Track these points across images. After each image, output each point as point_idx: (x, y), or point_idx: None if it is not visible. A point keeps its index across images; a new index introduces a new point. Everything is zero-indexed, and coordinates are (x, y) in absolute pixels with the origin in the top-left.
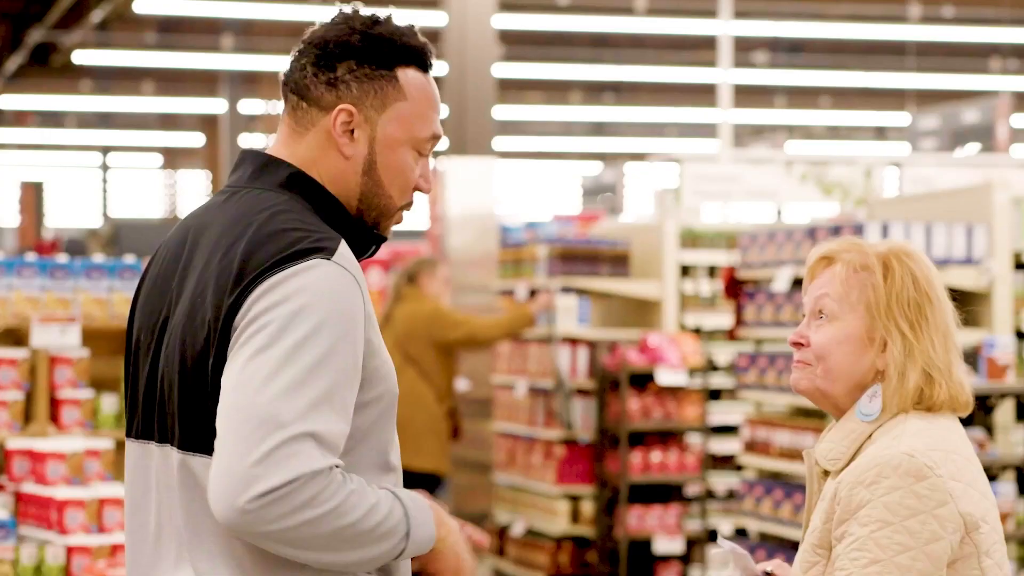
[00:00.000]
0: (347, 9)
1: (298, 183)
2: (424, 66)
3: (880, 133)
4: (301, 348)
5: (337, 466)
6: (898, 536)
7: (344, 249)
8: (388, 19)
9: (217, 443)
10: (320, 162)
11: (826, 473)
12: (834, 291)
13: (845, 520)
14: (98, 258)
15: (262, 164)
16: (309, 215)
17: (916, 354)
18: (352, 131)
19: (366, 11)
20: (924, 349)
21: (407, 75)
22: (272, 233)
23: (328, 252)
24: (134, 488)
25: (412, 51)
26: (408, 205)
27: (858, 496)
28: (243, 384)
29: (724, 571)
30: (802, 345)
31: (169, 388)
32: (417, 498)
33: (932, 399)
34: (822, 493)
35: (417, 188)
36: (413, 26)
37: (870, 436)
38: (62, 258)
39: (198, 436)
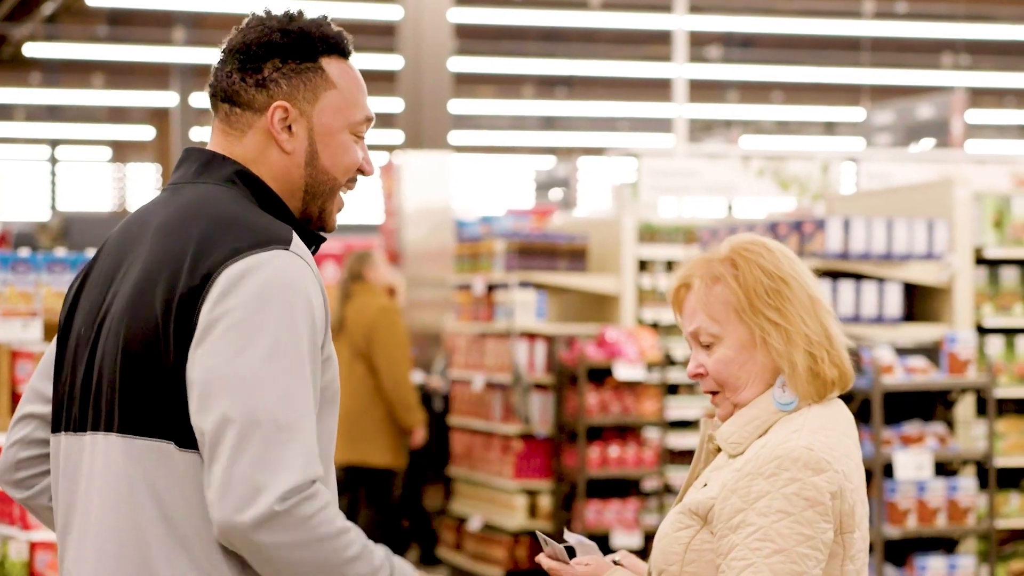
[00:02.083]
0: (259, 12)
1: (243, 179)
2: (345, 53)
3: (830, 128)
4: (283, 344)
5: (319, 481)
6: (798, 527)
7: (298, 239)
8: (301, 14)
9: (212, 447)
10: (261, 161)
11: (719, 448)
12: (703, 317)
13: (742, 510)
14: (60, 252)
15: (207, 160)
16: (257, 209)
17: (795, 337)
18: (289, 127)
19: (278, 10)
20: (798, 330)
21: (331, 64)
22: (227, 223)
23: (285, 242)
24: (66, 484)
25: (331, 40)
26: (351, 183)
27: (757, 487)
28: (232, 386)
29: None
30: (702, 375)
31: (111, 375)
32: (406, 568)
33: (823, 378)
34: (712, 464)
35: (361, 171)
36: (326, 16)
37: (771, 426)
38: (23, 252)
39: (143, 420)
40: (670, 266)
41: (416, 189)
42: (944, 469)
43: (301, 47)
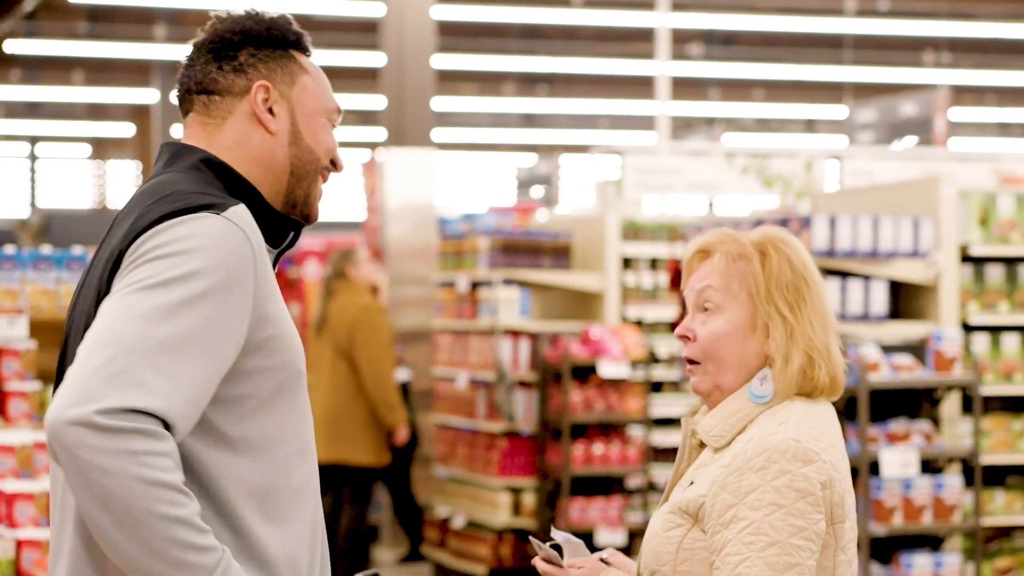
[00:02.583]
0: (220, 14)
1: (209, 166)
2: (308, 51)
3: (810, 126)
4: (171, 286)
5: (167, 426)
6: (791, 518)
7: (241, 211)
8: (264, 12)
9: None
10: (244, 145)
11: (702, 444)
12: (716, 282)
13: (733, 505)
14: (45, 249)
15: (176, 151)
16: (210, 187)
17: (798, 336)
18: (271, 109)
19: (237, 11)
20: (804, 331)
21: (299, 56)
22: (167, 196)
23: (219, 208)
24: (53, 473)
25: (297, 35)
26: (335, 168)
27: (747, 481)
28: (109, 313)
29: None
30: (688, 339)
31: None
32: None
33: (815, 381)
34: (696, 461)
35: (334, 162)
36: (289, 15)
37: (753, 419)
38: (9, 249)
39: None
40: (654, 264)
41: (399, 186)
42: (930, 467)
43: (273, 36)
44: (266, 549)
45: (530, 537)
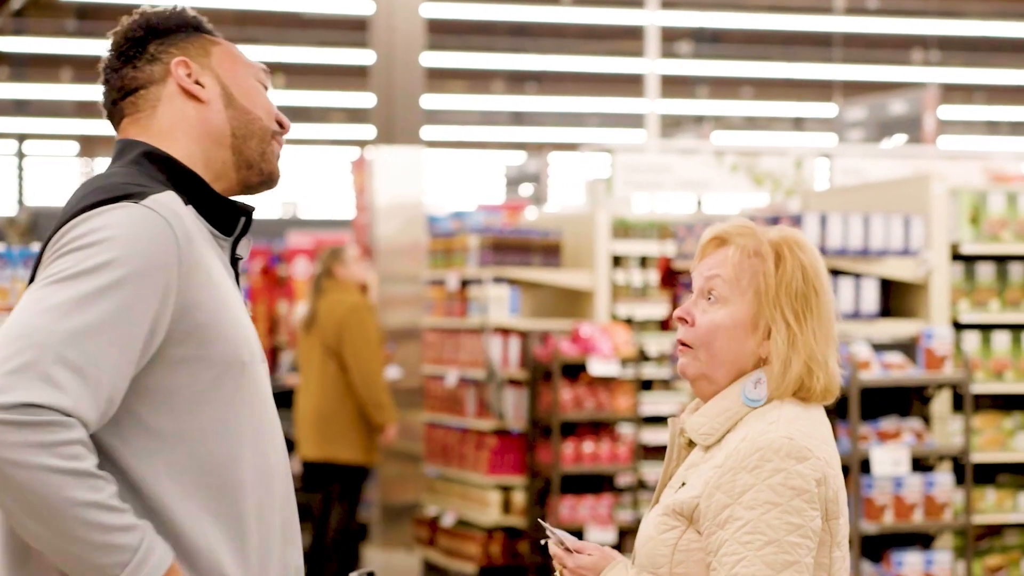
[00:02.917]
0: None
1: (150, 158)
2: (212, 34)
3: (798, 124)
4: (82, 277)
5: (82, 422)
6: (787, 516)
7: (164, 198)
8: (160, 6)
9: None
10: (180, 123)
11: (691, 444)
12: (726, 273)
13: (728, 505)
14: (36, 247)
15: (120, 149)
16: (146, 179)
17: (799, 345)
18: (197, 82)
19: (130, 18)
20: (807, 341)
21: (204, 35)
22: (94, 190)
23: (139, 196)
24: None
25: (198, 20)
26: (282, 131)
27: (742, 481)
28: (22, 307)
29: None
30: (686, 322)
31: None
32: (165, 562)
33: (810, 389)
34: (687, 461)
35: (280, 123)
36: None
37: (743, 417)
38: None
39: None
40: (644, 262)
41: (388, 184)
42: (921, 465)
43: (176, 23)
44: (195, 541)
45: (539, 520)
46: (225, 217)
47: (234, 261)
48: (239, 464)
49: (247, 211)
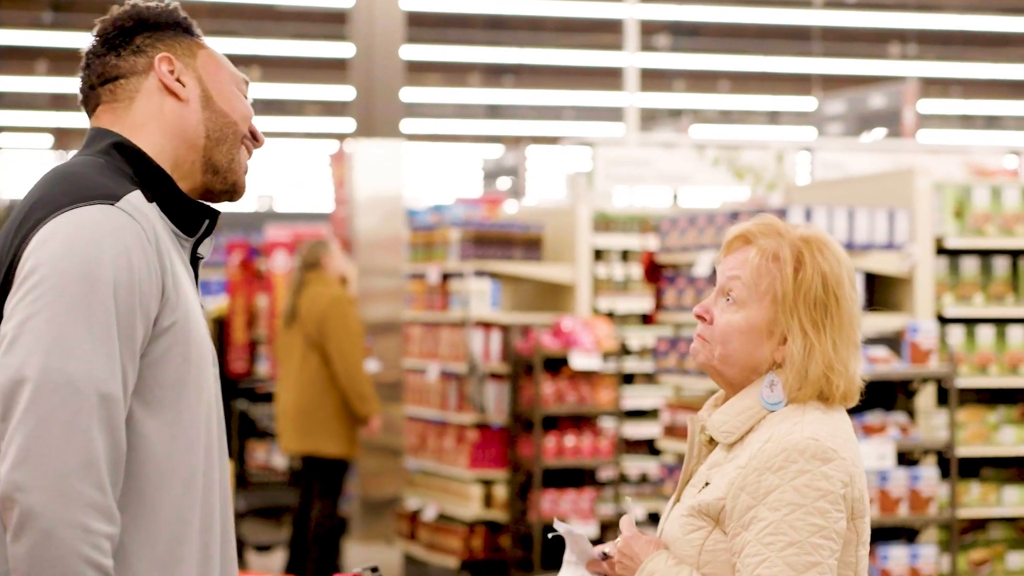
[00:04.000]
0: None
1: (119, 150)
2: (198, 36)
3: (774, 118)
4: (83, 303)
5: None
6: (811, 518)
7: (135, 199)
8: (151, 2)
9: (5, 404)
10: (155, 118)
11: (711, 442)
12: (745, 276)
13: (753, 506)
14: None
15: (91, 137)
16: (115, 173)
17: (816, 354)
18: (178, 79)
19: (122, 7)
20: (825, 350)
21: (193, 38)
22: (60, 183)
23: (112, 198)
24: None
25: (188, 21)
26: (255, 142)
27: (766, 482)
28: (28, 343)
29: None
30: (704, 319)
31: None
32: None
33: (830, 394)
34: (709, 460)
35: (254, 135)
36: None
37: (765, 416)
38: None
39: None
40: (625, 255)
41: (368, 177)
42: (906, 459)
43: (166, 20)
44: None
45: (556, 521)
46: (189, 217)
47: (194, 260)
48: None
49: (212, 214)
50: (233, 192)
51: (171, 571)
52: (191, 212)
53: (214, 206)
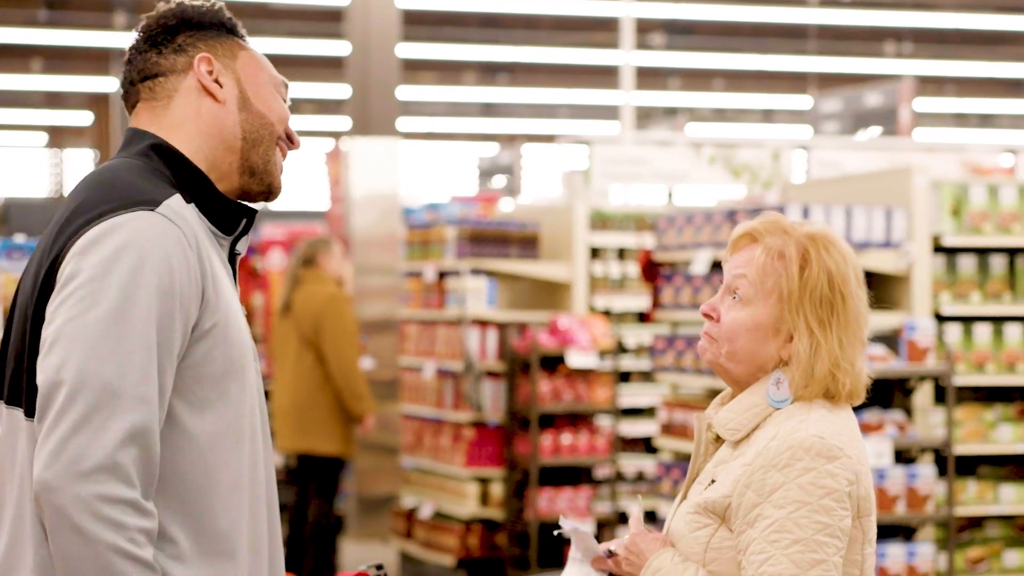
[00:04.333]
0: (151, 12)
1: (158, 152)
2: (242, 37)
3: (768, 116)
4: (127, 308)
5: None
6: (816, 515)
7: (175, 203)
8: (196, 1)
9: (42, 406)
10: (192, 119)
11: (718, 439)
12: (751, 275)
13: (758, 504)
14: (19, 238)
15: (129, 137)
16: (154, 176)
17: (823, 352)
18: (217, 80)
19: (167, 5)
20: (831, 348)
21: (236, 39)
22: (103, 188)
23: (153, 204)
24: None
25: (232, 21)
26: (291, 144)
27: (772, 479)
28: (69, 346)
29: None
30: (711, 318)
31: (13, 347)
32: None
33: (836, 392)
34: (715, 458)
35: (290, 137)
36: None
37: (771, 414)
38: None
39: (13, 387)
40: (622, 254)
41: (364, 175)
42: (903, 457)
43: (210, 20)
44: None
45: (561, 518)
46: (227, 217)
47: (231, 257)
48: (239, 458)
49: (250, 212)
50: (269, 193)
51: (222, 566)
52: (229, 212)
53: (251, 205)
